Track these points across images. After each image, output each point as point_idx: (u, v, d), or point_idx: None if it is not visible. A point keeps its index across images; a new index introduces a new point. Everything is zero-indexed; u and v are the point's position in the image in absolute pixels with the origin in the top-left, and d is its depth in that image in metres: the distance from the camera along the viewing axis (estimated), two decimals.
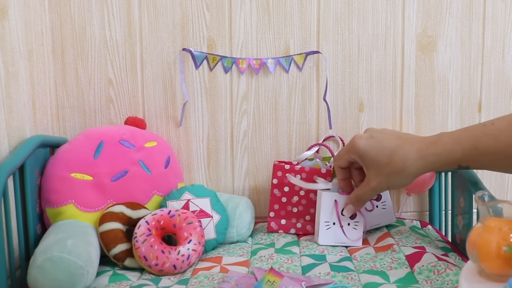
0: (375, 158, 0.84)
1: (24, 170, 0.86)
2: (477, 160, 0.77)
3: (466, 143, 0.78)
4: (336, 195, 0.97)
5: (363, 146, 0.85)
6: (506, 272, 0.61)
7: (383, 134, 0.86)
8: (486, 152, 0.76)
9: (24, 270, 0.83)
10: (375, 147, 0.84)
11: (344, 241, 0.98)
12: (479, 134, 0.77)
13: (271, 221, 1.05)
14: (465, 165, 0.79)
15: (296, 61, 1.11)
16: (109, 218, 0.91)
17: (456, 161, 0.79)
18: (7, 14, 0.87)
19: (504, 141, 0.74)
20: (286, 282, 0.77)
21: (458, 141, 0.78)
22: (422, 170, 0.82)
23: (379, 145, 0.84)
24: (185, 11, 1.08)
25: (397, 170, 0.83)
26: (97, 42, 1.08)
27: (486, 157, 0.76)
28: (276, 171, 1.04)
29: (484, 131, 0.76)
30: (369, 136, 0.86)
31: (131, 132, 1.00)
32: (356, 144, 0.86)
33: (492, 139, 0.75)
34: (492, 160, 0.76)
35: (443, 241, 0.99)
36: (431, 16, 1.11)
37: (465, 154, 0.78)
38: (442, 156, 0.79)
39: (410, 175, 0.83)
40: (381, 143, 0.84)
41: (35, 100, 0.98)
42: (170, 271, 0.88)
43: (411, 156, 0.82)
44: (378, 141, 0.85)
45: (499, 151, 0.75)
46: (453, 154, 0.78)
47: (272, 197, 1.05)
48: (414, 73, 1.13)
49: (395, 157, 0.82)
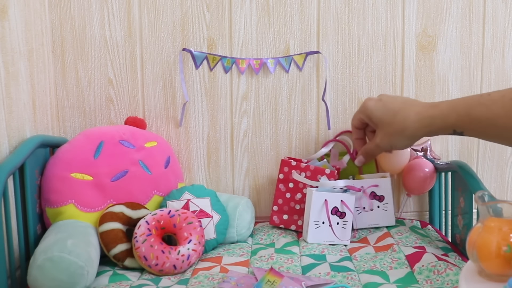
0: (381, 118, 0.92)
1: (24, 170, 0.86)
2: (469, 127, 0.82)
3: (461, 109, 0.82)
4: (326, 194, 0.98)
5: (371, 107, 0.93)
6: (506, 272, 0.61)
7: (391, 98, 0.93)
8: (478, 120, 0.80)
9: (24, 270, 0.83)
10: (381, 108, 0.92)
11: (333, 240, 0.99)
12: (474, 103, 0.81)
13: (273, 215, 1.07)
14: (459, 131, 0.83)
15: (296, 61, 1.10)
16: (109, 218, 0.91)
17: (450, 126, 0.84)
18: (7, 14, 0.87)
19: (495, 111, 0.78)
20: (286, 282, 0.77)
21: (454, 107, 0.83)
22: (419, 132, 0.88)
23: (385, 107, 0.92)
24: (185, 11, 1.08)
25: (398, 130, 0.89)
26: (97, 42, 1.08)
27: (478, 125, 0.81)
28: (283, 167, 1.07)
29: (479, 100, 0.81)
30: (378, 99, 0.94)
31: (131, 132, 1.00)
32: (366, 105, 0.94)
33: (485, 108, 0.79)
34: (484, 128, 0.80)
35: (443, 241, 0.99)
36: (431, 16, 1.11)
37: (459, 120, 0.82)
38: (438, 120, 0.85)
39: (409, 136, 0.90)
40: (386, 105, 0.92)
41: (35, 100, 0.98)
42: (170, 271, 0.88)
43: (411, 117, 0.88)
44: (384, 103, 0.92)
45: (490, 120, 0.79)
46: (448, 119, 0.83)
47: (277, 191, 1.07)
48: (414, 73, 1.13)
49: (396, 118, 0.90)
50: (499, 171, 1.17)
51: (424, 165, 1.08)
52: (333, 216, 0.99)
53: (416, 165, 1.08)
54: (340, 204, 0.99)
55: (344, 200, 0.99)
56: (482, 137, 0.84)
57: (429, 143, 1.11)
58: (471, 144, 1.16)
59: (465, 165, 0.96)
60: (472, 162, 1.16)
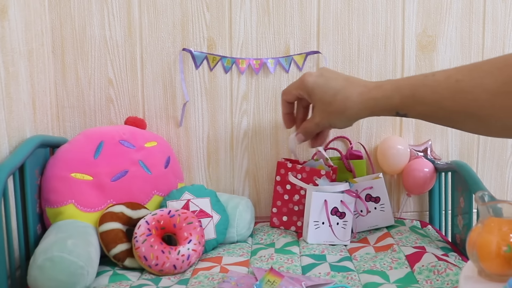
0: (321, 97, 0.87)
1: (24, 170, 0.86)
2: (413, 108, 0.78)
3: (405, 91, 0.78)
4: (326, 195, 0.98)
5: (311, 84, 0.88)
6: (506, 272, 0.61)
7: (332, 74, 0.88)
8: (423, 101, 0.76)
9: (24, 270, 0.83)
10: (321, 86, 0.87)
11: (333, 240, 0.99)
12: (418, 83, 0.77)
13: (273, 217, 1.08)
14: (403, 113, 0.80)
15: (296, 61, 1.11)
16: (109, 218, 0.91)
17: (394, 108, 0.80)
18: (7, 14, 0.87)
19: (440, 93, 0.74)
20: (286, 282, 0.77)
21: (397, 88, 0.79)
22: (361, 113, 0.85)
23: (325, 84, 0.87)
24: (185, 11, 1.08)
25: (339, 110, 0.85)
26: (97, 42, 1.08)
27: (422, 107, 0.77)
28: (279, 169, 1.07)
29: (424, 81, 0.77)
30: (319, 75, 0.89)
31: (131, 132, 1.00)
32: (306, 81, 0.89)
33: (429, 89, 0.75)
34: (428, 110, 0.76)
35: (443, 241, 0.99)
36: (431, 16, 1.11)
37: (403, 101, 0.78)
38: (381, 101, 0.81)
39: (350, 117, 0.86)
40: (327, 83, 0.87)
41: (35, 100, 0.98)
42: (170, 271, 0.88)
43: (353, 98, 0.84)
44: (325, 80, 0.87)
45: (435, 102, 0.75)
46: (391, 100, 0.80)
47: (275, 193, 1.08)
48: (414, 73, 1.13)
49: (337, 98, 0.85)
50: (499, 171, 1.17)
51: (424, 165, 1.08)
52: (333, 216, 0.99)
53: (416, 165, 1.08)
54: (340, 205, 0.99)
55: (344, 201, 0.99)
56: (427, 119, 0.79)
57: (429, 143, 1.12)
58: (471, 144, 1.16)
59: (465, 165, 0.96)
60: (472, 162, 1.16)
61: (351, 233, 1.01)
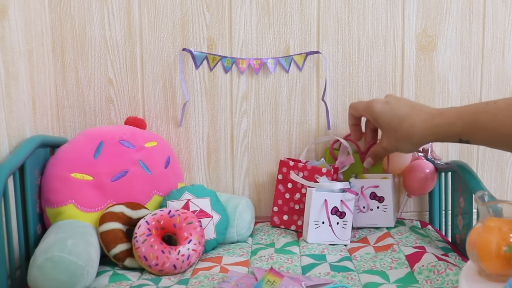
0: (387, 123, 0.92)
1: (24, 170, 0.86)
2: (475, 135, 0.82)
3: (467, 118, 0.82)
4: (326, 194, 0.98)
5: (377, 110, 0.93)
6: (506, 272, 0.61)
7: (398, 102, 0.93)
8: (484, 128, 0.80)
9: (24, 270, 0.83)
10: (388, 113, 0.92)
11: (333, 240, 0.99)
12: (480, 110, 0.81)
13: (274, 216, 1.08)
14: (465, 139, 0.83)
15: (296, 61, 1.10)
16: (109, 218, 0.91)
17: (457, 135, 0.84)
18: (7, 14, 0.87)
19: (502, 120, 0.78)
20: (286, 282, 0.77)
21: (460, 116, 0.83)
22: (426, 139, 0.89)
23: (391, 111, 0.92)
24: (185, 11, 1.08)
25: (405, 136, 0.90)
26: (97, 42, 1.08)
27: (484, 133, 0.80)
28: (281, 167, 1.07)
29: (486, 108, 0.81)
30: (385, 102, 0.93)
31: (131, 132, 1.00)
32: (373, 107, 0.94)
33: (491, 116, 0.79)
34: (489, 136, 0.80)
35: (443, 241, 0.99)
36: (431, 16, 1.11)
37: (465, 128, 0.82)
38: (445, 128, 0.85)
39: (415, 143, 0.91)
40: (393, 110, 0.92)
41: (35, 100, 0.98)
42: (170, 271, 0.88)
43: (417, 125, 0.88)
44: (391, 108, 0.92)
45: (496, 129, 0.78)
46: (455, 128, 0.83)
47: (276, 192, 1.08)
48: (414, 73, 1.13)
49: (403, 125, 0.90)
50: (499, 171, 1.17)
51: (425, 166, 1.08)
52: (333, 216, 0.99)
53: (416, 166, 1.08)
54: (340, 204, 0.99)
55: (344, 200, 0.99)
56: (489, 145, 0.84)
57: (430, 144, 1.11)
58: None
59: (465, 165, 0.96)
60: (472, 162, 1.16)
61: (352, 229, 1.01)
